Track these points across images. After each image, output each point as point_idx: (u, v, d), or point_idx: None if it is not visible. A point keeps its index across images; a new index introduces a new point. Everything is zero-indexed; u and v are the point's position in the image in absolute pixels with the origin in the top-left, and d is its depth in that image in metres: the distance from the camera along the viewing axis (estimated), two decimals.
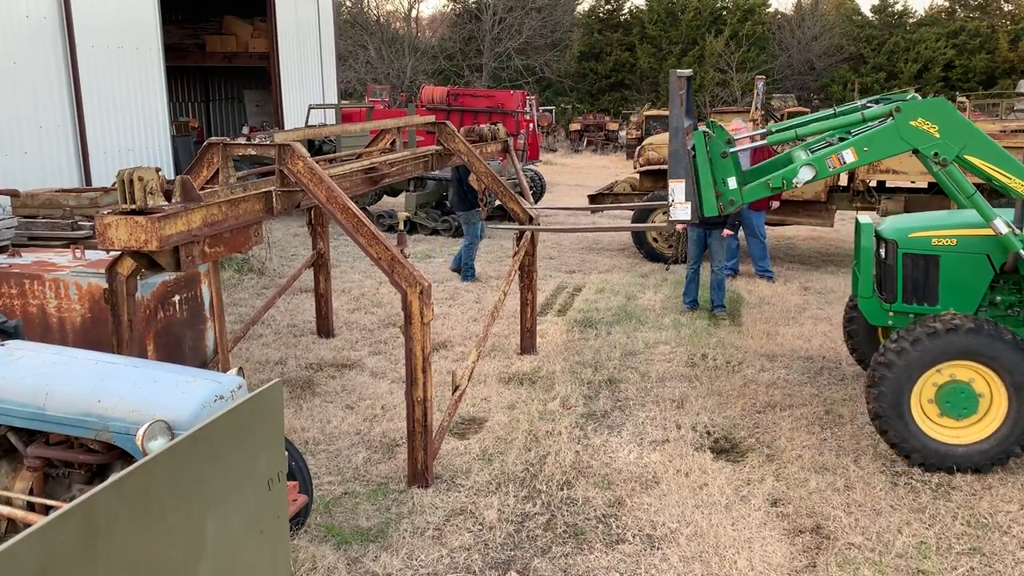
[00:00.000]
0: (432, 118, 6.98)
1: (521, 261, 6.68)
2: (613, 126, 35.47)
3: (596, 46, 46.38)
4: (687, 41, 44.26)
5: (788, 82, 44.04)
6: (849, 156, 4.76)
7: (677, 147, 4.86)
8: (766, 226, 10.10)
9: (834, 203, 10.73)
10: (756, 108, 11.36)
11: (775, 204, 10.06)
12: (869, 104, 5.48)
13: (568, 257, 11.45)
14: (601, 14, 48.21)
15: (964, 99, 33.13)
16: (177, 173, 7.91)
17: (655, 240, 10.93)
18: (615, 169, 23.77)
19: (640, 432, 5.41)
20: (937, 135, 4.63)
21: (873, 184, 10.58)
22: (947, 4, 45.70)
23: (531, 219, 6.74)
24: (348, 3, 45.31)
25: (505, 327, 7.66)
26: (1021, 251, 4.76)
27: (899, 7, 46.13)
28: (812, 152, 5.10)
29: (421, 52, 43.91)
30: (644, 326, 7.88)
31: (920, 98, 4.87)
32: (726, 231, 8.33)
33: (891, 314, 5.41)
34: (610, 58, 45.90)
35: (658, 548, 4.03)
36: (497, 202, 11.93)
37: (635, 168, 11.71)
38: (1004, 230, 4.73)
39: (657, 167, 11.09)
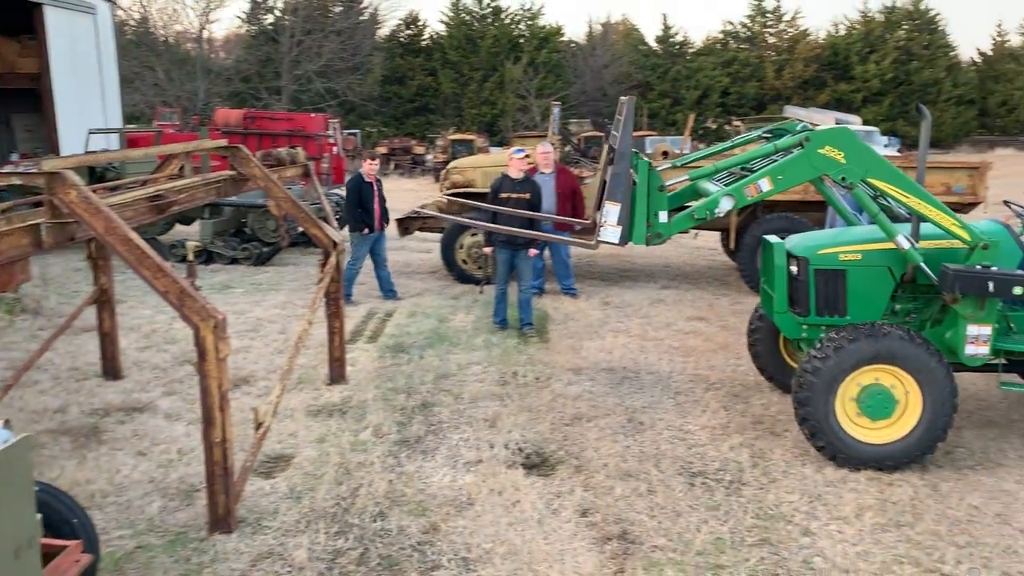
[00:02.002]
0: (224, 142, 6.67)
1: (327, 288, 6.50)
2: (420, 150, 35.66)
3: (399, 70, 46.54)
4: (488, 67, 45.42)
5: (584, 107, 46.21)
6: (765, 185, 4.99)
7: (621, 171, 4.92)
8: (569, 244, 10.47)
9: None
10: (553, 133, 11.76)
11: (578, 227, 10.46)
12: (765, 135, 5.89)
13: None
14: (402, 39, 48.49)
15: (739, 123, 36.19)
16: None
17: (465, 262, 11.04)
18: (423, 192, 23.85)
19: (454, 455, 5.40)
20: (844, 161, 4.94)
21: None
22: (721, 36, 49.85)
23: (335, 244, 6.58)
24: (132, 22, 42.64)
25: (313, 357, 7.42)
26: (921, 263, 5.15)
27: (679, 38, 49.79)
28: (720, 184, 5.36)
29: (215, 74, 42.09)
30: (457, 348, 7.91)
31: (813, 128, 5.15)
32: (532, 251, 8.55)
33: (805, 327, 5.67)
34: (413, 82, 46.20)
35: (473, 570, 4.02)
36: (300, 228, 11.59)
37: (441, 191, 11.79)
38: (906, 245, 5.11)
39: (463, 190, 11.23)
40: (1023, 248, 5.43)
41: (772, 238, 6.04)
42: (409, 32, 48.78)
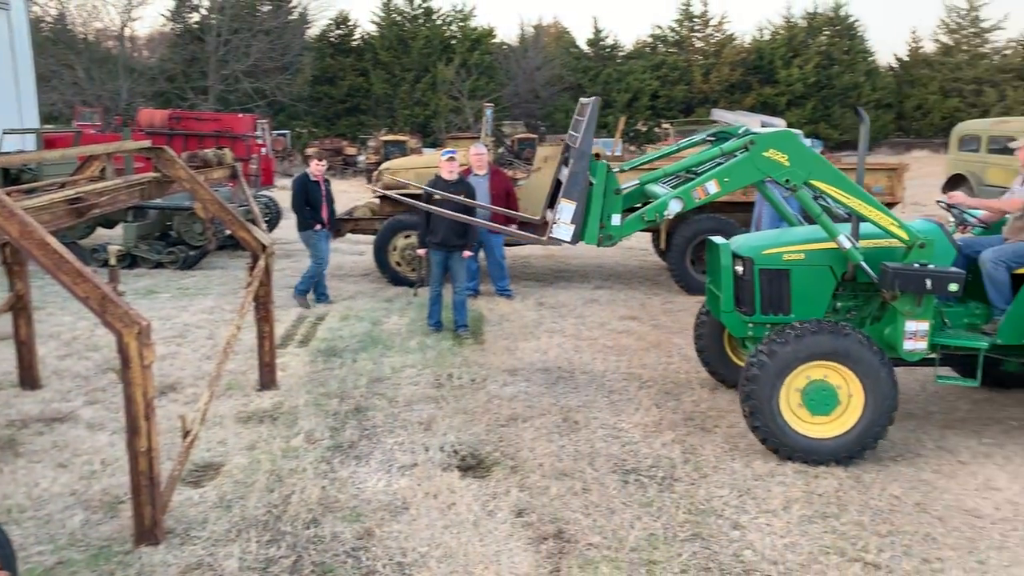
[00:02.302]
0: (148, 143, 6.48)
1: (256, 291, 6.37)
2: (352, 151, 35.26)
3: (329, 70, 45.86)
4: (420, 68, 45.11)
5: (516, 109, 46.34)
6: (712, 187, 5.05)
7: (579, 170, 4.93)
8: (503, 246, 10.48)
9: None
10: (486, 134, 11.79)
11: (513, 227, 10.47)
12: (709, 138, 5.98)
13: None
14: (332, 39, 47.78)
15: (668, 125, 36.80)
16: None
17: (398, 264, 10.96)
18: (355, 194, 23.56)
19: (388, 459, 5.35)
20: (787, 164, 5.04)
21: None
22: (650, 40, 50.58)
23: (264, 248, 6.46)
24: (48, 18, 41.04)
25: (243, 363, 7.26)
26: (862, 262, 5.27)
27: (610, 41, 50.32)
28: (668, 187, 5.40)
29: (138, 73, 40.78)
30: (391, 351, 7.85)
31: (761, 133, 5.23)
32: (466, 253, 8.53)
33: (751, 325, 5.77)
34: (344, 83, 45.57)
35: (409, 575, 3.99)
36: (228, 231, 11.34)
37: (374, 193, 11.68)
38: (848, 245, 5.24)
39: (395, 192, 11.13)
40: (956, 246, 5.66)
41: (718, 239, 6.16)
42: (339, 32, 48.08)
